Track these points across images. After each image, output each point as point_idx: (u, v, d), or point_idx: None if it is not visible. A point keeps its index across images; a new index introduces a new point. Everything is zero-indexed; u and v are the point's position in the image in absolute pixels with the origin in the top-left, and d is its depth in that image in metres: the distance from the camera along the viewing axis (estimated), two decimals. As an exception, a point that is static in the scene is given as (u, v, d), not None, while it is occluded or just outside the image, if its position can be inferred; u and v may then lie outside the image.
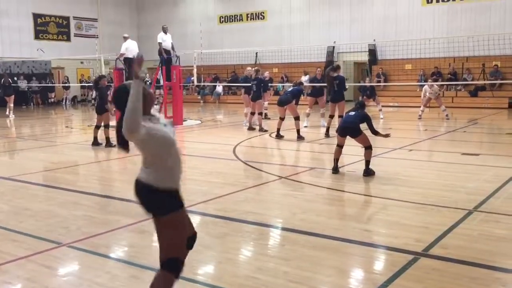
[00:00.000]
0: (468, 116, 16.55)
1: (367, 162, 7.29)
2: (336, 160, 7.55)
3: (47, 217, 5.46)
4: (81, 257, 4.30)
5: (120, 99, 2.78)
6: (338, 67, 12.01)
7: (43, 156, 10.08)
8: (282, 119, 11.59)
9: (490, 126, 14.34)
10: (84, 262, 4.20)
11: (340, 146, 7.58)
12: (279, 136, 11.51)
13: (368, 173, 7.25)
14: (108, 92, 12.19)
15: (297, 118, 11.35)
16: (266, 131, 12.73)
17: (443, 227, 4.81)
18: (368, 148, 7.30)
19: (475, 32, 20.12)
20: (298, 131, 11.33)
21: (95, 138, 10.89)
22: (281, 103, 11.49)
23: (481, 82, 20.34)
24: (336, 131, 7.74)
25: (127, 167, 8.84)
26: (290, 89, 11.88)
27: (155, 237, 4.89)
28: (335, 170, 7.51)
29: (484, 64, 20.56)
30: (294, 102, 11.36)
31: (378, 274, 3.90)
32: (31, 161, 9.55)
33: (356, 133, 7.34)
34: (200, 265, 4.15)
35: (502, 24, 20.35)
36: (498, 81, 19.61)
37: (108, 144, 10.63)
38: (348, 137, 7.47)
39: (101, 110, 10.81)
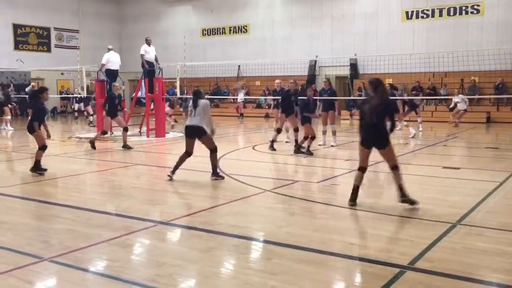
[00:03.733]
0: (448, 130, 16.81)
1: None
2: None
3: (26, 231, 5.33)
4: (63, 272, 4.20)
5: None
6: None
7: (21, 168, 9.87)
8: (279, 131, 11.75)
9: (469, 140, 14.58)
10: (66, 277, 4.10)
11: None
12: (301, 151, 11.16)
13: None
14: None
15: (296, 130, 11.44)
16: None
17: (428, 240, 4.84)
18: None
19: (454, 48, 20.56)
20: (296, 141, 11.44)
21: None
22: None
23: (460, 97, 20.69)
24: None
25: (108, 179, 8.72)
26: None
27: (138, 251, 4.86)
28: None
29: (463, 80, 21.00)
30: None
31: (364, 287, 3.89)
32: (8, 173, 9.35)
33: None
34: (185, 279, 4.09)
35: (479, 41, 20.86)
36: (476, 96, 20.01)
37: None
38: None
39: (31, 129, 8.95)
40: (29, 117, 9.30)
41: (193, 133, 8.12)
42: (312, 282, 3.93)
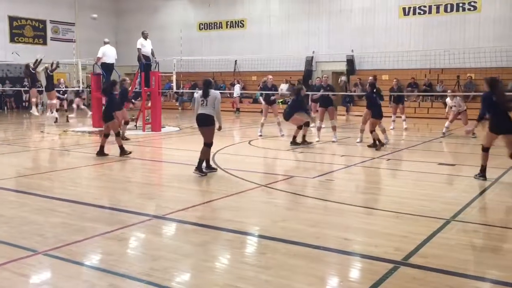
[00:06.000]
0: (444, 127, 16.81)
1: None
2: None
3: (21, 224, 5.32)
4: (57, 266, 4.20)
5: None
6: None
7: (16, 162, 9.85)
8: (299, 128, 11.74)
9: (464, 137, 14.60)
10: (60, 271, 4.10)
11: None
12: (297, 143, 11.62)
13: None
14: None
15: (300, 127, 11.60)
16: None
17: (422, 236, 4.86)
18: None
19: (450, 45, 20.58)
20: (303, 136, 11.66)
21: (102, 147, 10.01)
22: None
23: (457, 94, 20.72)
24: None
25: (104, 173, 8.71)
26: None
27: (133, 245, 4.86)
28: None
29: (459, 76, 21.02)
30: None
31: (358, 283, 3.91)
32: (4, 166, 9.32)
33: None
34: (180, 273, 4.10)
35: (476, 37, 20.88)
36: (472, 93, 20.04)
37: (123, 152, 9.98)
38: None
39: (109, 117, 10.00)
40: (104, 107, 10.76)
41: (203, 122, 8.04)
42: (306, 277, 3.95)
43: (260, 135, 13.44)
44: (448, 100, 14.66)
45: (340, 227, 5.39)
